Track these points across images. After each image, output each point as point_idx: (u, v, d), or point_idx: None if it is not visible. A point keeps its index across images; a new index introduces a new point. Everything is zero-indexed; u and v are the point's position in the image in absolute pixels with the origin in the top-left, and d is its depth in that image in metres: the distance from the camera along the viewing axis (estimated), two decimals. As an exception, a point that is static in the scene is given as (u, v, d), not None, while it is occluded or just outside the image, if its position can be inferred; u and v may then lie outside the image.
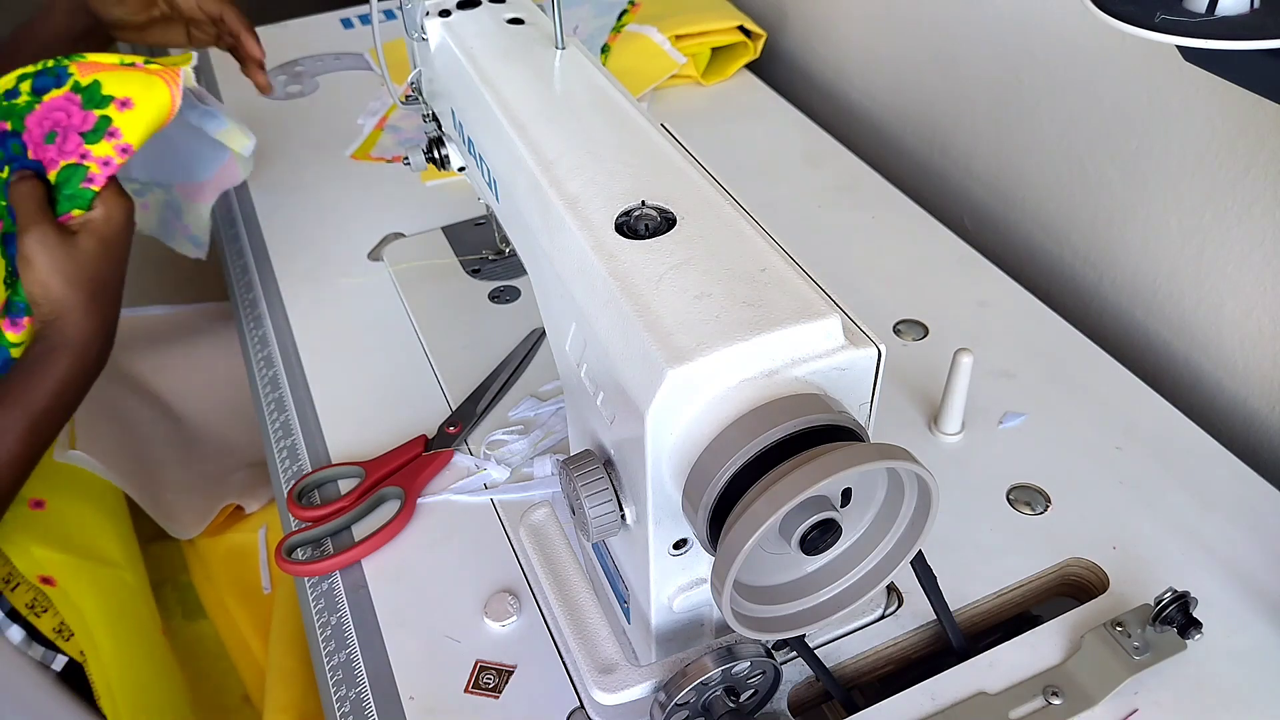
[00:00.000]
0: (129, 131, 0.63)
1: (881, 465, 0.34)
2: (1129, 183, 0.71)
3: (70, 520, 0.71)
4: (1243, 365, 0.66)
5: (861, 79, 0.99)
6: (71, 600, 0.67)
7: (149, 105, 0.63)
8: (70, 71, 0.63)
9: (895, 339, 0.71)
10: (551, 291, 0.46)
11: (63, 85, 0.62)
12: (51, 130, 0.63)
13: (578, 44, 0.56)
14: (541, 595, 0.55)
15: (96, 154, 0.62)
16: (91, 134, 0.62)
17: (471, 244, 0.82)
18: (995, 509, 0.59)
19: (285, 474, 0.66)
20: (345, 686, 0.53)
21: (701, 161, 0.47)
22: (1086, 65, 0.72)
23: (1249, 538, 0.56)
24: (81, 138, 0.62)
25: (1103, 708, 0.48)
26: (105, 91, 0.63)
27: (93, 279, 0.63)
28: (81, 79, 0.62)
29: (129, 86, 0.63)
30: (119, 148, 0.63)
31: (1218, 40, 0.41)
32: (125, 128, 0.63)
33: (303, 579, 0.59)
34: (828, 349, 0.38)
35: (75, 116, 0.62)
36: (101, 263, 0.63)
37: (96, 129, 0.62)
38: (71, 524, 0.71)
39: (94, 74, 0.62)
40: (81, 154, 0.62)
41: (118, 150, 0.63)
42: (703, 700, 0.46)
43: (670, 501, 0.39)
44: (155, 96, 0.64)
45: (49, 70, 0.63)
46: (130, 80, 0.63)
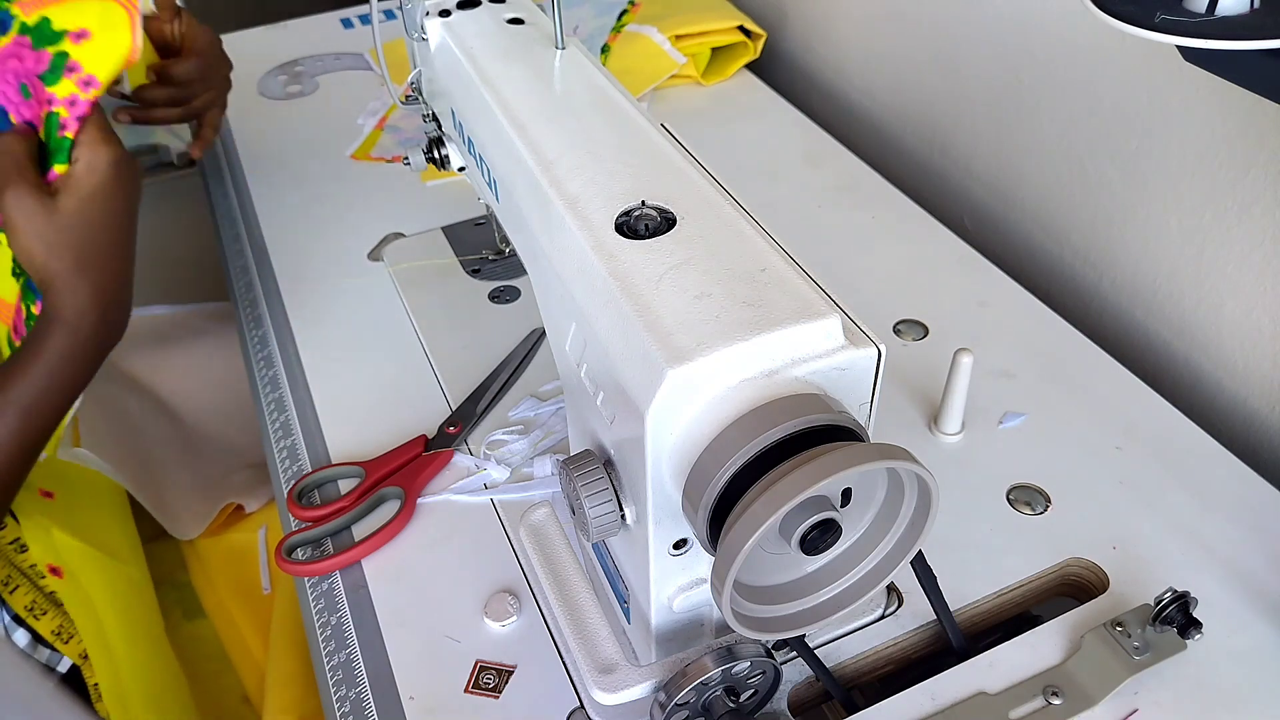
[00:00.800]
0: (89, 63, 0.56)
1: (881, 465, 0.34)
2: (1129, 183, 0.71)
3: (79, 513, 0.71)
4: (1243, 365, 0.66)
5: (861, 79, 0.99)
6: (83, 589, 0.67)
7: (108, 33, 0.57)
8: (13, 13, 0.55)
9: (895, 339, 0.71)
10: (551, 291, 0.46)
11: (8, 31, 0.56)
12: (21, 83, 0.56)
13: (578, 44, 0.56)
14: (541, 595, 0.55)
15: (60, 95, 0.56)
16: (49, 74, 0.56)
17: (471, 244, 0.82)
18: (995, 509, 0.59)
19: (285, 474, 0.66)
20: (345, 686, 0.53)
21: (701, 161, 0.47)
22: (1086, 65, 0.72)
23: (1249, 538, 0.56)
24: (40, 80, 0.56)
25: (1103, 708, 0.48)
26: (56, 26, 0.56)
27: (78, 244, 0.56)
28: (27, 18, 0.55)
29: (82, 17, 0.56)
30: (81, 81, 0.56)
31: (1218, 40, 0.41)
32: (85, 60, 0.56)
33: (303, 579, 0.59)
34: (828, 349, 0.38)
35: (28, 60, 0.56)
36: (87, 224, 0.56)
37: (53, 67, 0.56)
38: (80, 517, 0.71)
39: (39, 9, 0.55)
40: (47, 99, 0.56)
41: (80, 84, 0.56)
42: (703, 700, 0.46)
43: (670, 501, 0.39)
44: (113, 21, 0.57)
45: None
46: (82, 10, 0.56)
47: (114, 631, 0.67)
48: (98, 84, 0.56)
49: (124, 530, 0.75)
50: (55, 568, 0.67)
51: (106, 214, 0.57)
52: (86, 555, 0.68)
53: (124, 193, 0.58)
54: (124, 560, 0.72)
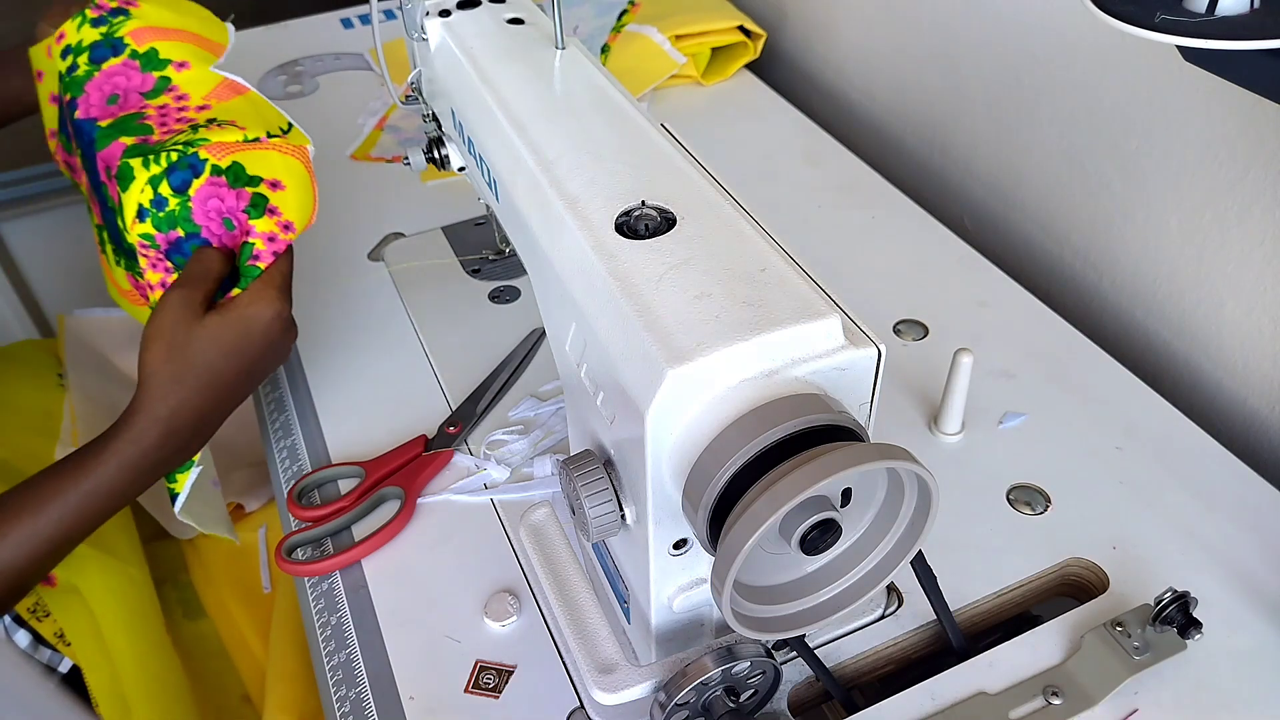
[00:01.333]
0: (287, 210, 0.61)
1: (881, 465, 0.34)
2: (1129, 183, 0.71)
3: None
4: (1243, 365, 0.66)
5: (861, 79, 0.99)
6: (81, 595, 0.67)
7: (297, 186, 0.61)
8: (203, 157, 0.59)
9: (895, 339, 0.71)
10: (551, 291, 0.46)
11: (200, 174, 0.59)
12: (225, 218, 0.60)
13: (578, 44, 0.56)
14: (541, 595, 0.55)
15: (260, 229, 0.60)
16: (253, 209, 0.60)
17: (471, 244, 0.82)
18: (995, 509, 0.59)
19: (285, 474, 0.66)
20: (345, 686, 0.53)
21: (701, 161, 0.47)
22: (1086, 65, 0.72)
23: (1249, 538, 0.56)
24: (245, 213, 0.60)
25: (1103, 708, 0.48)
26: (251, 172, 0.60)
27: (190, 359, 0.55)
28: (219, 162, 0.59)
29: (272, 168, 0.61)
30: (281, 224, 0.60)
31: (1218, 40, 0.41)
32: (283, 207, 0.61)
33: (303, 579, 0.59)
34: (828, 349, 0.38)
35: (229, 198, 0.60)
36: (211, 347, 0.56)
37: (255, 204, 0.60)
38: None
39: (230, 154, 0.60)
40: (248, 229, 0.60)
41: (280, 226, 0.60)
42: (703, 700, 0.46)
43: (670, 501, 0.39)
44: (298, 175, 0.61)
45: (179, 164, 0.59)
46: (269, 160, 0.61)
47: (114, 630, 0.67)
48: (294, 229, 0.61)
49: (124, 530, 0.75)
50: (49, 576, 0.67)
51: (235, 353, 0.57)
52: (86, 555, 0.68)
53: (263, 345, 0.58)
54: (125, 560, 0.72)
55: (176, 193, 0.59)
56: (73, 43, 0.66)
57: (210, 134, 0.60)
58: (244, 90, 0.65)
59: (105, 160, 0.61)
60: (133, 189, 0.59)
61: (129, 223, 0.59)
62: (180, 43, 0.66)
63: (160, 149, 0.60)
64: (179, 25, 0.68)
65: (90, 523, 0.56)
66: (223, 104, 0.64)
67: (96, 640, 0.67)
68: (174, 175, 0.59)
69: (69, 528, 0.55)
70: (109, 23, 0.67)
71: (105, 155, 0.61)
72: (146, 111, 0.63)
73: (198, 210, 0.59)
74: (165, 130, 0.62)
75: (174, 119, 0.63)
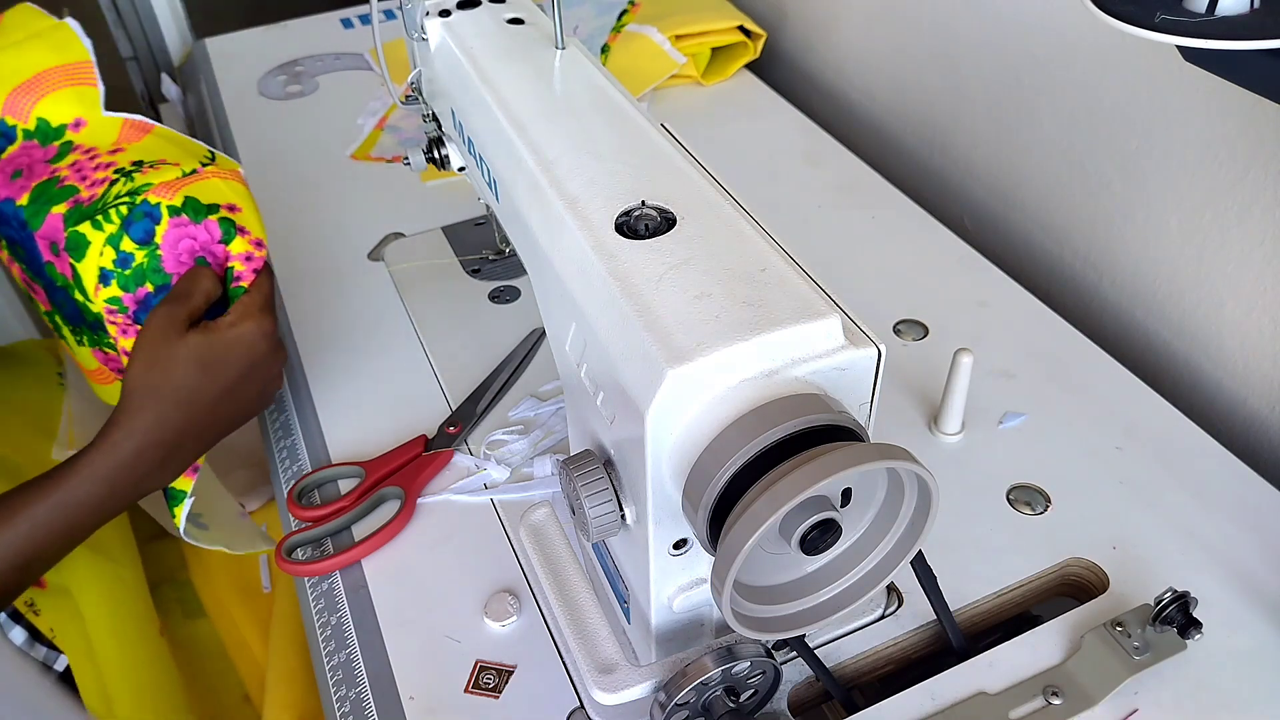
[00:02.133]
0: (253, 229, 0.61)
1: (881, 465, 0.34)
2: (1129, 183, 0.71)
3: None
4: (1243, 365, 0.66)
5: (861, 79, 0.99)
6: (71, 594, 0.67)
7: (248, 206, 0.62)
8: (154, 201, 0.58)
9: (895, 339, 0.71)
10: (551, 291, 0.46)
11: (159, 220, 0.58)
12: (198, 256, 0.59)
13: (578, 44, 0.56)
14: (541, 595, 0.55)
15: (236, 251, 0.60)
16: (225, 236, 0.60)
17: (471, 244, 0.82)
18: (995, 509, 0.59)
19: (285, 474, 0.66)
20: (345, 686, 0.53)
21: (701, 161, 0.47)
22: (1086, 65, 0.72)
23: (1249, 538, 0.56)
24: (220, 243, 0.60)
25: (1103, 708, 0.48)
26: (205, 201, 0.59)
27: (168, 375, 0.55)
28: (174, 202, 0.58)
29: (221, 194, 0.60)
30: (254, 241, 0.60)
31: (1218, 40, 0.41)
32: (249, 225, 0.61)
33: (303, 579, 0.59)
34: (828, 349, 0.38)
35: (199, 234, 0.59)
36: (193, 366, 0.55)
37: (226, 230, 0.59)
38: None
39: (179, 191, 0.59)
40: (225, 256, 0.60)
41: (253, 244, 0.60)
42: (703, 700, 0.46)
43: (670, 501, 0.39)
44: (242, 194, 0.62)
45: (133, 216, 0.58)
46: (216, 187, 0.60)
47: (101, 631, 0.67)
48: (264, 246, 0.60)
49: (119, 531, 0.75)
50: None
51: (215, 370, 0.56)
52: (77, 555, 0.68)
53: (245, 363, 0.57)
54: (116, 561, 0.72)
55: (141, 245, 0.57)
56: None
57: (149, 177, 0.59)
58: (150, 127, 0.63)
59: (48, 237, 0.59)
60: (90, 255, 0.57)
61: (91, 291, 0.58)
62: (55, 93, 0.63)
63: (103, 207, 0.58)
64: (36, 67, 0.63)
65: (63, 536, 0.55)
66: (137, 145, 0.62)
67: (83, 640, 0.67)
68: (133, 229, 0.57)
69: (40, 541, 0.54)
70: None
71: (46, 232, 0.59)
72: (60, 174, 0.60)
73: (168, 257, 0.58)
74: (90, 184, 0.60)
75: (92, 170, 0.60)
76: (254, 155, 0.96)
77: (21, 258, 0.64)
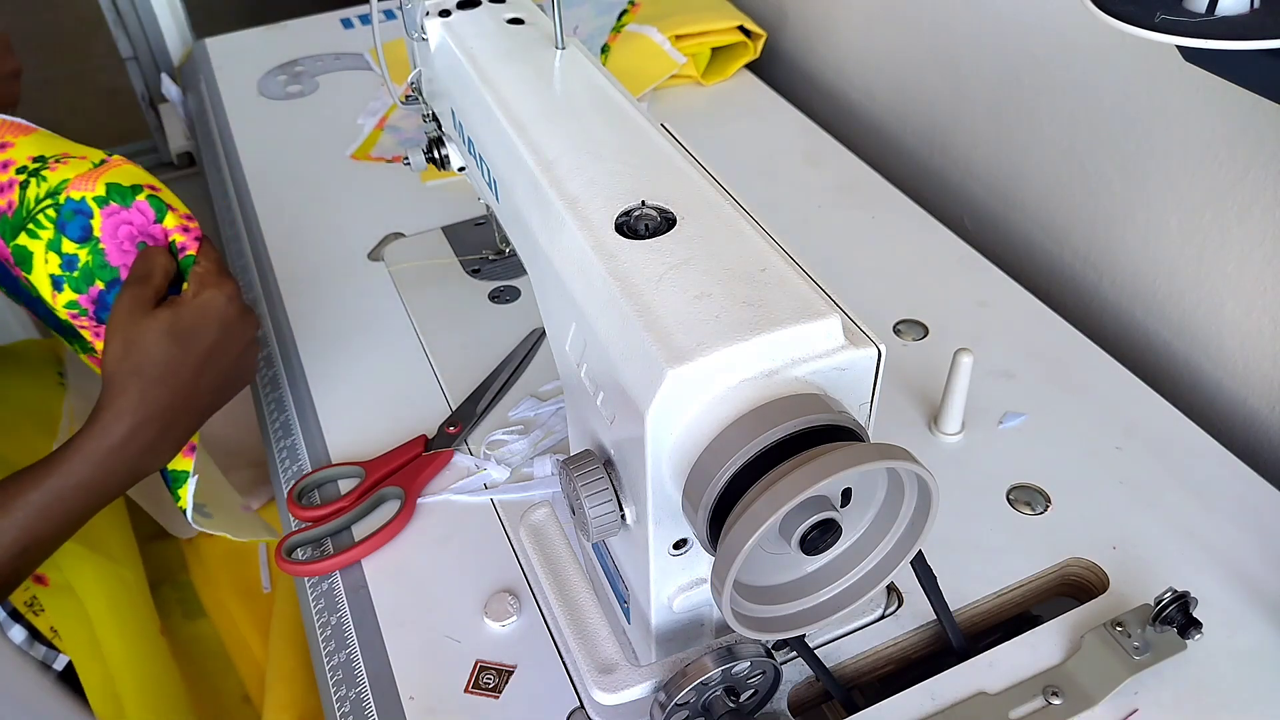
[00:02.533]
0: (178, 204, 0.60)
1: (881, 465, 0.34)
2: (1129, 183, 0.71)
3: None
4: (1243, 365, 0.66)
5: (861, 79, 0.99)
6: (74, 593, 0.67)
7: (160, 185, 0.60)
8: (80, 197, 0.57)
9: (895, 339, 0.71)
10: (551, 291, 0.46)
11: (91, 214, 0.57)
12: (139, 241, 0.59)
13: (578, 44, 0.56)
14: (541, 595, 0.55)
15: (170, 225, 0.59)
16: (159, 215, 0.59)
17: (471, 244, 0.82)
18: (995, 509, 0.59)
19: (285, 474, 0.66)
20: (345, 686, 0.53)
21: (701, 161, 0.47)
22: (1086, 65, 0.72)
23: (1249, 538, 0.56)
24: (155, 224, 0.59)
25: (1103, 708, 0.48)
26: (127, 183, 0.58)
27: (148, 352, 0.55)
28: (97, 192, 0.57)
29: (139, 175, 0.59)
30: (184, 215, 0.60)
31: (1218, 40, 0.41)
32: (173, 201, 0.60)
33: (303, 579, 0.59)
34: (828, 349, 0.38)
35: (135, 218, 0.58)
36: (168, 339, 0.55)
37: (157, 209, 0.59)
38: None
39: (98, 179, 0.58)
40: (164, 233, 0.59)
41: (184, 217, 0.60)
42: (703, 700, 0.46)
43: (670, 501, 0.39)
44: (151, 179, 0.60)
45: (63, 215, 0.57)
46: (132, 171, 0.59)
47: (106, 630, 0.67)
48: (193, 218, 0.60)
49: (119, 531, 0.75)
50: (40, 576, 0.67)
51: (190, 339, 0.57)
52: (80, 555, 0.68)
53: (219, 328, 0.58)
54: (117, 561, 0.72)
55: (81, 244, 0.57)
56: None
57: (61, 173, 0.57)
58: (33, 128, 0.61)
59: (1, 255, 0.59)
60: (36, 265, 0.57)
61: (49, 301, 0.58)
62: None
63: (29, 215, 0.57)
64: None
65: (60, 523, 0.55)
66: (25, 139, 0.60)
67: (89, 638, 0.67)
68: (69, 228, 0.57)
69: (36, 529, 0.54)
70: None
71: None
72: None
73: (111, 249, 0.58)
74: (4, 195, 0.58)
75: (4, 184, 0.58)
76: (254, 155, 0.96)
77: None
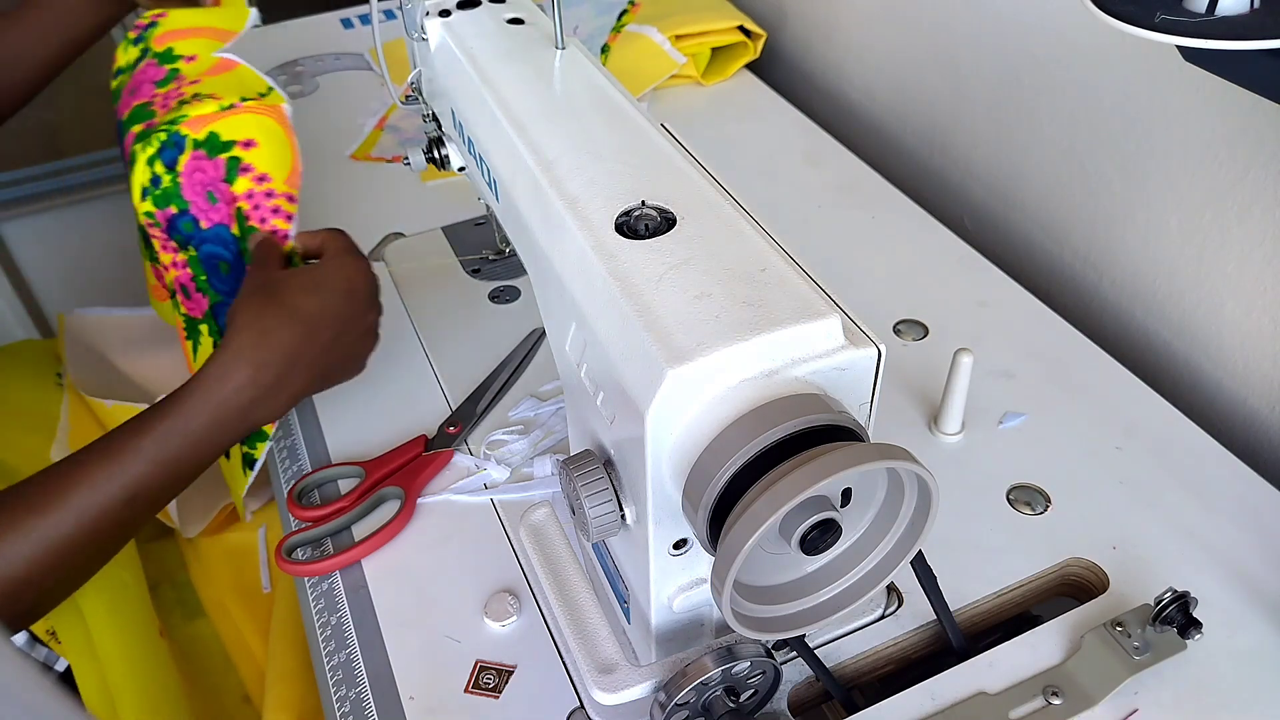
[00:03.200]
0: (261, 164, 0.64)
1: (881, 465, 0.34)
2: (1129, 183, 0.71)
3: None
4: (1243, 365, 0.66)
5: (861, 79, 0.99)
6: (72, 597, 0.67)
7: (271, 141, 0.64)
8: (183, 133, 0.63)
9: (895, 339, 0.71)
10: (551, 291, 0.46)
11: (184, 150, 0.63)
12: (208, 191, 0.64)
13: (578, 44, 0.56)
14: (541, 595, 0.55)
15: (238, 191, 0.63)
16: (228, 176, 0.63)
17: (471, 244, 0.82)
18: (995, 509, 0.59)
19: (285, 474, 0.66)
20: (345, 686, 0.53)
21: (701, 161, 0.47)
22: (1086, 65, 0.72)
23: (1249, 538, 0.56)
24: (225, 182, 0.63)
25: (1103, 708, 0.48)
26: (224, 138, 0.63)
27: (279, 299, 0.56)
28: (197, 135, 0.63)
29: (245, 129, 0.64)
30: (255, 178, 0.64)
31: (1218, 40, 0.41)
32: (256, 162, 0.64)
33: (303, 579, 0.59)
34: (828, 349, 0.38)
35: (209, 169, 0.63)
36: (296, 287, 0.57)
37: (229, 169, 0.63)
38: None
39: (206, 126, 0.63)
40: (231, 197, 0.63)
41: (255, 180, 0.63)
42: (703, 700, 0.46)
43: (670, 501, 0.39)
44: (271, 129, 0.65)
45: (167, 143, 0.63)
46: (244, 122, 0.64)
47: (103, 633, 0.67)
48: (271, 179, 0.64)
49: None
50: None
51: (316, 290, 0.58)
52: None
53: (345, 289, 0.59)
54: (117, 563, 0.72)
55: (168, 170, 0.63)
56: (121, 65, 0.73)
57: (190, 109, 0.63)
58: (234, 65, 0.68)
59: (127, 147, 0.65)
60: (136, 171, 0.63)
61: (136, 202, 0.64)
62: (194, 38, 0.71)
63: (151, 132, 0.64)
64: (196, 24, 0.72)
65: (173, 471, 0.54)
66: (212, 79, 0.67)
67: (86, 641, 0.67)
68: (165, 154, 0.63)
69: (148, 477, 0.53)
70: (144, 37, 0.73)
71: (126, 142, 0.66)
72: (154, 98, 0.67)
73: (186, 185, 0.63)
74: (163, 109, 0.65)
75: (173, 100, 0.66)
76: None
77: None
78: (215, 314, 0.67)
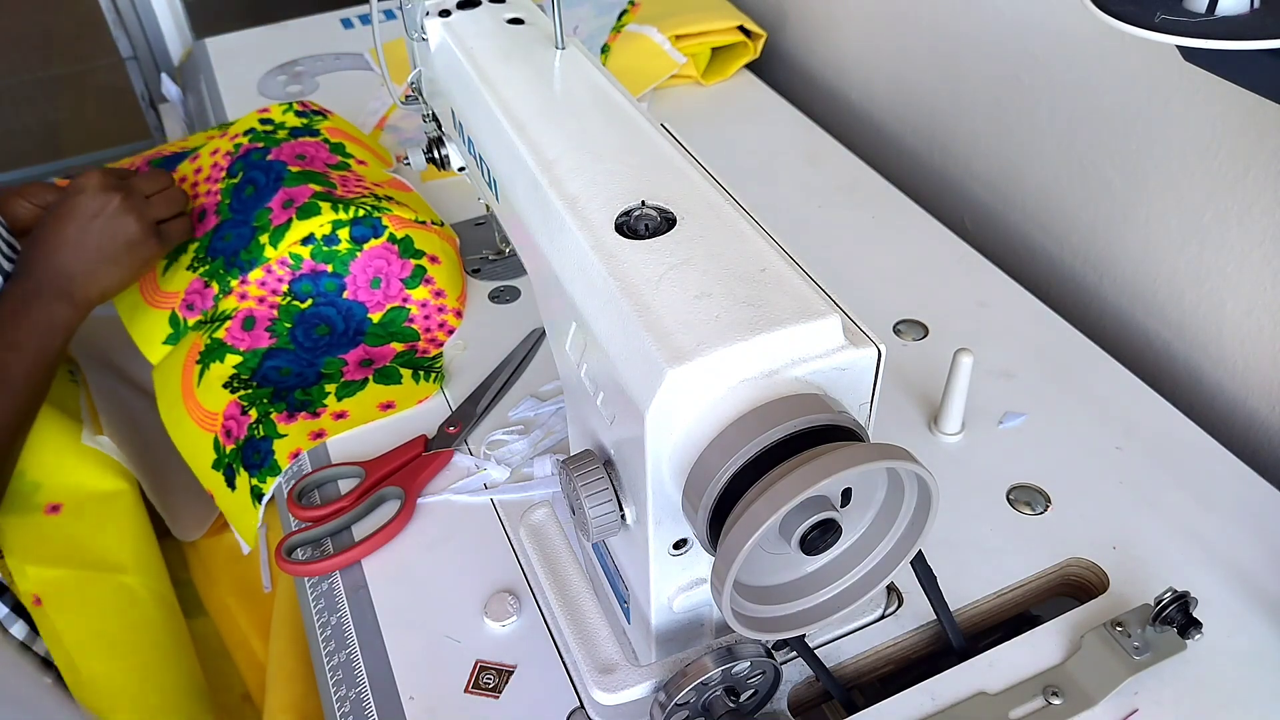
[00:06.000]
0: (440, 280, 0.73)
1: (881, 465, 0.34)
2: (1129, 183, 0.71)
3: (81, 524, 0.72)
4: (1243, 365, 0.66)
5: (861, 79, 0.99)
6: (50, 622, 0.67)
7: (450, 262, 0.75)
8: (385, 224, 0.72)
9: (895, 339, 0.71)
10: (551, 291, 0.46)
11: (380, 236, 0.72)
12: (375, 277, 0.72)
13: (578, 44, 0.56)
14: (541, 595, 0.55)
15: (416, 297, 0.72)
16: (411, 279, 0.72)
17: (471, 244, 0.82)
18: (995, 509, 0.59)
19: (285, 474, 0.66)
20: (345, 686, 0.53)
21: (701, 161, 0.47)
22: (1086, 65, 0.72)
23: (1249, 538, 0.56)
24: (402, 283, 0.72)
25: (1103, 708, 0.48)
26: (417, 246, 0.73)
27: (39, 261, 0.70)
28: (396, 232, 0.72)
29: (431, 245, 0.74)
30: (434, 291, 0.73)
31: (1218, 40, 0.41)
32: (438, 278, 0.73)
33: (303, 579, 0.59)
34: (828, 349, 0.38)
35: (395, 264, 0.72)
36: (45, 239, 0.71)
37: (415, 274, 0.72)
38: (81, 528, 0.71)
39: (405, 229, 0.73)
40: (404, 297, 0.72)
41: (433, 294, 0.73)
42: (703, 700, 0.46)
43: (670, 501, 0.39)
44: (450, 254, 0.75)
45: (364, 220, 0.71)
46: (430, 238, 0.74)
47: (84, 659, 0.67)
48: (447, 295, 0.74)
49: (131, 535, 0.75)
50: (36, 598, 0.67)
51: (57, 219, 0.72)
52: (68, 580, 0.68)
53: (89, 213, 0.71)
54: (122, 569, 0.72)
55: (353, 241, 0.71)
56: (275, 118, 0.82)
57: (392, 207, 0.73)
58: (409, 189, 0.80)
59: (290, 195, 0.72)
60: (313, 220, 0.70)
61: (285, 239, 0.70)
62: (364, 149, 0.83)
63: (349, 202, 0.72)
64: (362, 139, 0.86)
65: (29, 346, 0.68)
66: (397, 192, 0.78)
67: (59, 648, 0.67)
68: (356, 226, 0.71)
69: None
70: (310, 117, 0.83)
71: (292, 191, 0.72)
72: (330, 176, 0.76)
73: (361, 260, 0.72)
74: (347, 190, 0.74)
75: (355, 185, 0.75)
76: (254, 155, 0.96)
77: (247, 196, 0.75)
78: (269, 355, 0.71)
